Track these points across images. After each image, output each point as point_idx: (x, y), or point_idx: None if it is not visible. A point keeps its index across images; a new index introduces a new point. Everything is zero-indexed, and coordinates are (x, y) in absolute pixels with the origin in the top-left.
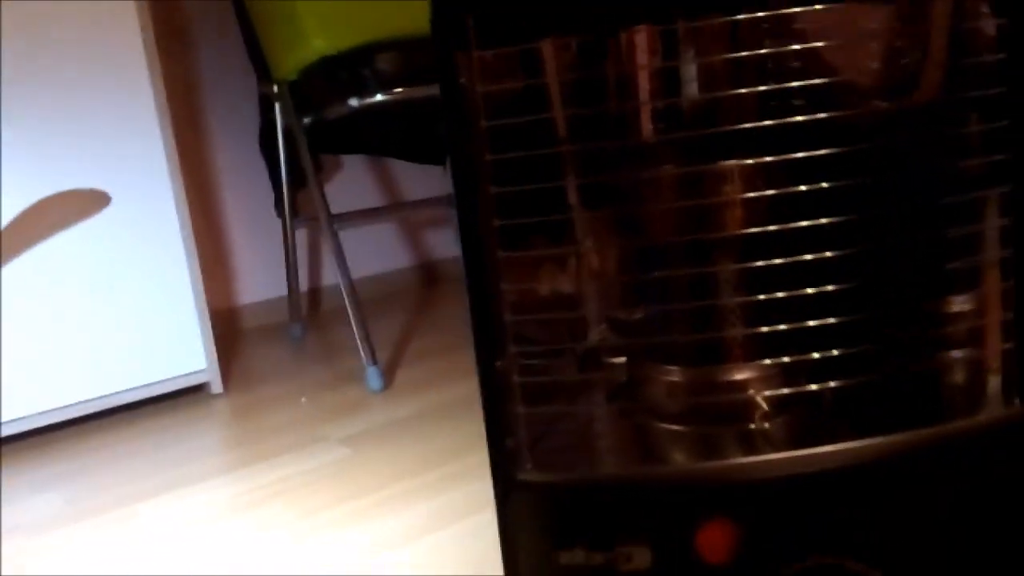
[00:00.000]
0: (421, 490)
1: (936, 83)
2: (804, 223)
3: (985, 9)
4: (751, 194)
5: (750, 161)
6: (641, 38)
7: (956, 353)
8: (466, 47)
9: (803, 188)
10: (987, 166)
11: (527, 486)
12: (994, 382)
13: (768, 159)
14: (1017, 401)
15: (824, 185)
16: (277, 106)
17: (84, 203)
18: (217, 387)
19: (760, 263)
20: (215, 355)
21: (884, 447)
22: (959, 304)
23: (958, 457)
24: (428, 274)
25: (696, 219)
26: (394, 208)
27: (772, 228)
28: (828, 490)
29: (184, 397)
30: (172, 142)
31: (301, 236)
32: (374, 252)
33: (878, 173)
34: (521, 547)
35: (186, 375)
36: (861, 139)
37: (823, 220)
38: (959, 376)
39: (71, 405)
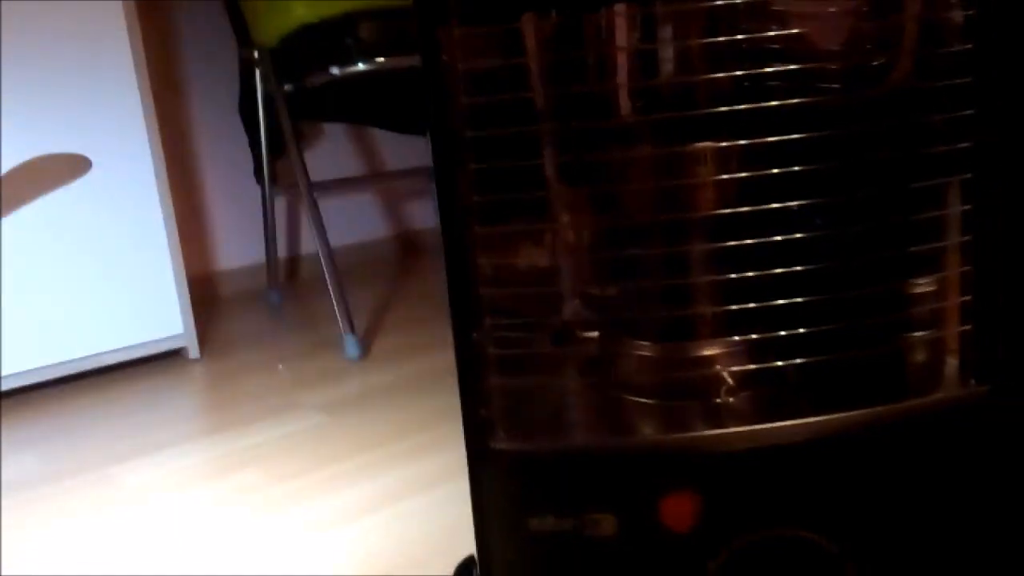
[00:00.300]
0: (396, 458)
1: (906, 71)
2: (774, 205)
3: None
4: (722, 176)
5: (723, 144)
6: (619, 17)
7: (917, 333)
8: (447, 23)
9: (775, 171)
10: (951, 153)
11: (499, 454)
12: (952, 362)
13: (740, 143)
14: (973, 381)
15: (795, 169)
16: (257, 72)
17: (65, 168)
18: (194, 352)
19: (730, 243)
20: (192, 320)
21: (844, 422)
22: (922, 286)
23: (916, 434)
24: (407, 244)
25: (669, 199)
26: (374, 178)
27: (743, 210)
28: (789, 463)
29: (161, 361)
30: (151, 106)
31: (280, 203)
32: (353, 221)
33: (847, 157)
34: (492, 514)
35: (163, 339)
36: (832, 123)
37: (793, 203)
38: (921, 355)
39: (46, 367)
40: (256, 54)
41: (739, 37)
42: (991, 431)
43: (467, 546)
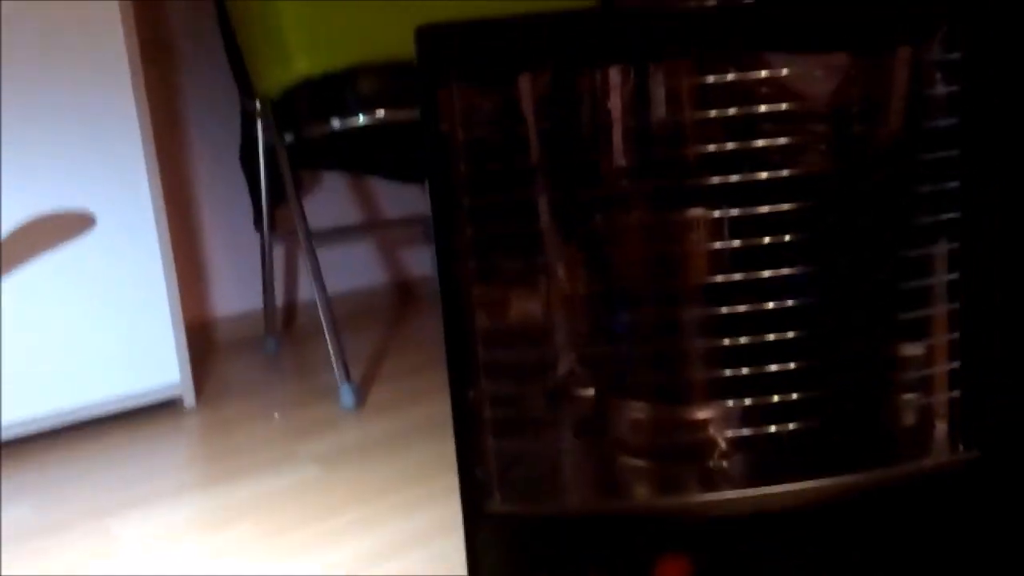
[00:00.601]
0: (392, 511)
1: (892, 136)
2: (767, 273)
3: (939, 76)
4: (716, 245)
5: (716, 214)
6: (613, 77)
7: (907, 399)
8: (448, 85)
9: (766, 240)
10: (937, 222)
11: (495, 518)
12: (942, 428)
13: (732, 212)
14: (962, 447)
15: (786, 239)
16: (259, 123)
17: (68, 226)
18: (190, 401)
19: (723, 310)
20: (189, 370)
21: (836, 488)
22: (911, 351)
23: (908, 499)
24: (404, 292)
25: (663, 263)
26: (372, 226)
27: (736, 278)
28: (780, 528)
29: (156, 411)
30: (153, 153)
31: (278, 250)
32: (351, 268)
33: (838, 226)
34: (487, 575)
35: (159, 389)
36: (823, 191)
37: (785, 271)
38: (912, 421)
39: (42, 417)
40: (258, 105)
41: (729, 112)
42: (983, 495)
43: None
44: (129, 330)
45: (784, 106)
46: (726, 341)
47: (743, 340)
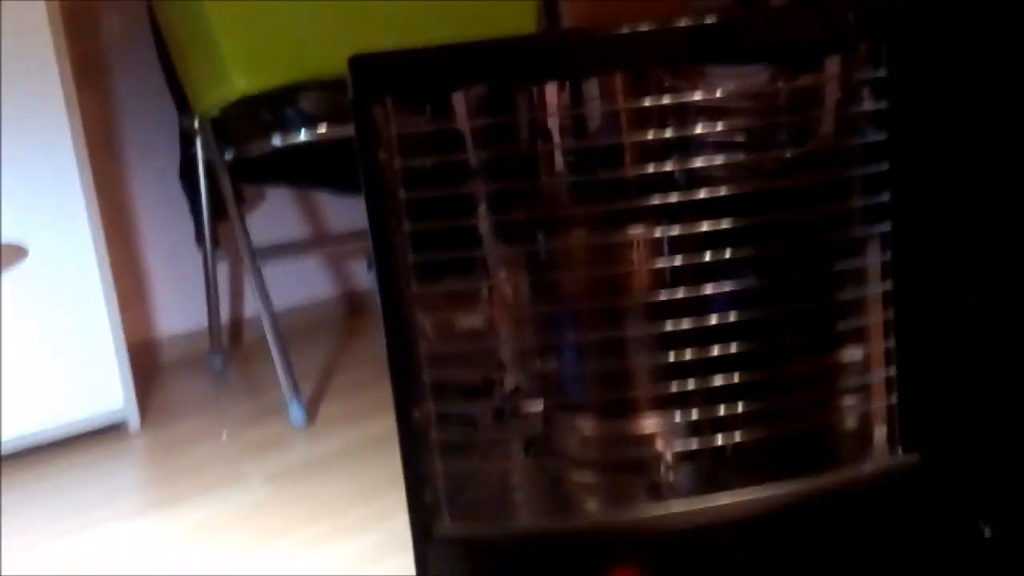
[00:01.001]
0: (345, 530)
1: (826, 139)
2: (709, 289)
3: (866, 91)
4: (659, 264)
5: (657, 234)
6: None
7: (847, 406)
8: (381, 100)
9: (707, 257)
10: (871, 233)
11: (445, 540)
12: (880, 433)
13: (673, 231)
14: (901, 450)
15: (727, 256)
16: (198, 140)
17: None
18: (135, 424)
19: (669, 327)
20: (133, 393)
21: (780, 495)
22: (851, 359)
23: (849, 503)
24: (352, 304)
25: (605, 281)
26: (317, 240)
27: (679, 296)
28: (727, 537)
29: (101, 436)
30: (89, 175)
31: (222, 267)
32: (297, 282)
33: (774, 240)
34: None
35: (103, 414)
36: (760, 207)
37: (727, 287)
38: (853, 427)
39: None
40: (196, 123)
41: (666, 131)
42: (922, 496)
43: None
44: (70, 355)
45: (719, 126)
46: (670, 357)
47: (687, 355)
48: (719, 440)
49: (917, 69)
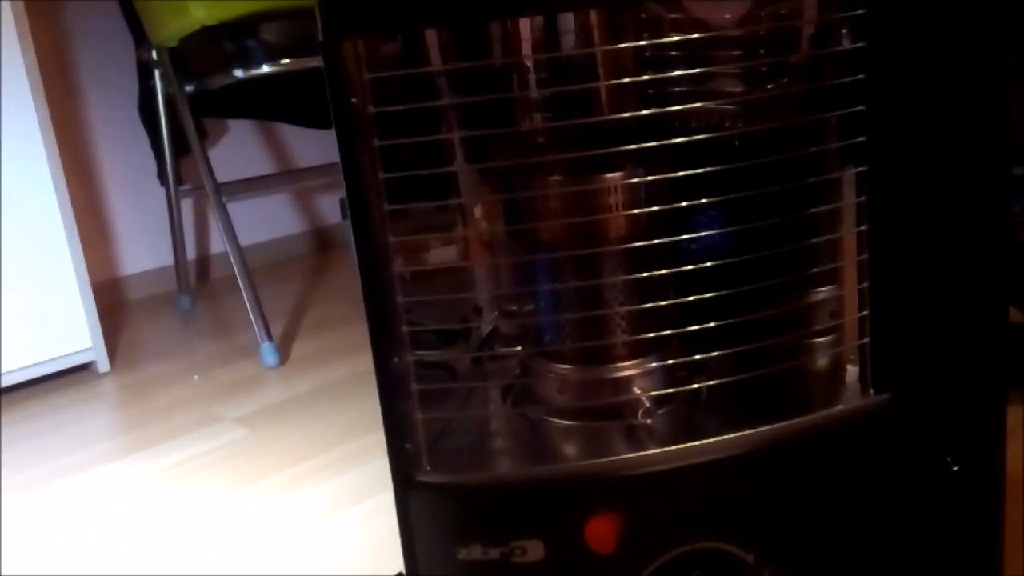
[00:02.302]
0: (322, 470)
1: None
2: (685, 236)
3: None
4: (633, 211)
5: (634, 180)
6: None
7: (819, 347)
8: (350, 36)
9: (683, 204)
10: (846, 177)
11: (425, 487)
12: (853, 373)
13: (649, 178)
14: (872, 391)
15: (703, 201)
16: (156, 73)
17: None
18: (104, 365)
19: (644, 275)
20: (100, 332)
21: (754, 438)
22: (824, 303)
23: (822, 444)
24: (321, 240)
25: (580, 226)
26: (284, 176)
27: (655, 242)
28: (704, 480)
29: (69, 376)
30: (46, 112)
31: (187, 203)
32: (264, 218)
33: (750, 184)
34: (420, 544)
35: (70, 354)
36: (737, 151)
37: (703, 232)
38: (826, 369)
39: None
40: (154, 55)
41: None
42: (893, 438)
43: (399, 560)
44: (35, 296)
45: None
46: (647, 305)
47: (664, 303)
48: (695, 384)
49: (896, 8)
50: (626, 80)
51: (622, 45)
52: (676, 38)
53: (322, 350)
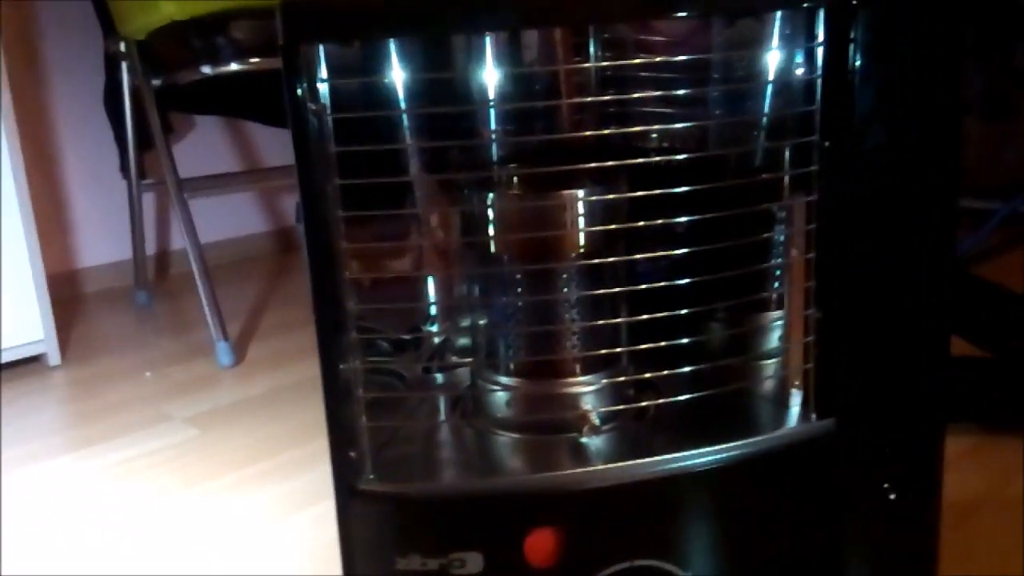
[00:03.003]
0: (268, 475)
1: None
2: (639, 256)
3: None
4: (590, 228)
5: (594, 198)
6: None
7: (768, 372)
8: (311, 40)
9: (641, 224)
10: (796, 206)
11: (367, 495)
12: (797, 398)
13: (607, 197)
14: (815, 416)
15: (659, 222)
16: (123, 65)
17: None
18: (54, 358)
19: (598, 291)
20: (52, 324)
21: (696, 459)
22: (771, 328)
23: (763, 466)
24: (284, 241)
25: (532, 240)
26: (249, 174)
27: (608, 260)
28: (645, 499)
29: (18, 368)
30: (8, 97)
31: (149, 198)
32: (227, 215)
33: (706, 207)
34: (360, 552)
35: (20, 346)
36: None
37: (658, 254)
38: (772, 391)
39: None
40: (122, 47)
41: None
42: (834, 463)
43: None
44: None
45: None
46: (599, 322)
47: (616, 320)
48: (641, 403)
49: (853, 41)
50: (582, 99)
51: (583, 65)
52: (636, 60)
53: (278, 352)
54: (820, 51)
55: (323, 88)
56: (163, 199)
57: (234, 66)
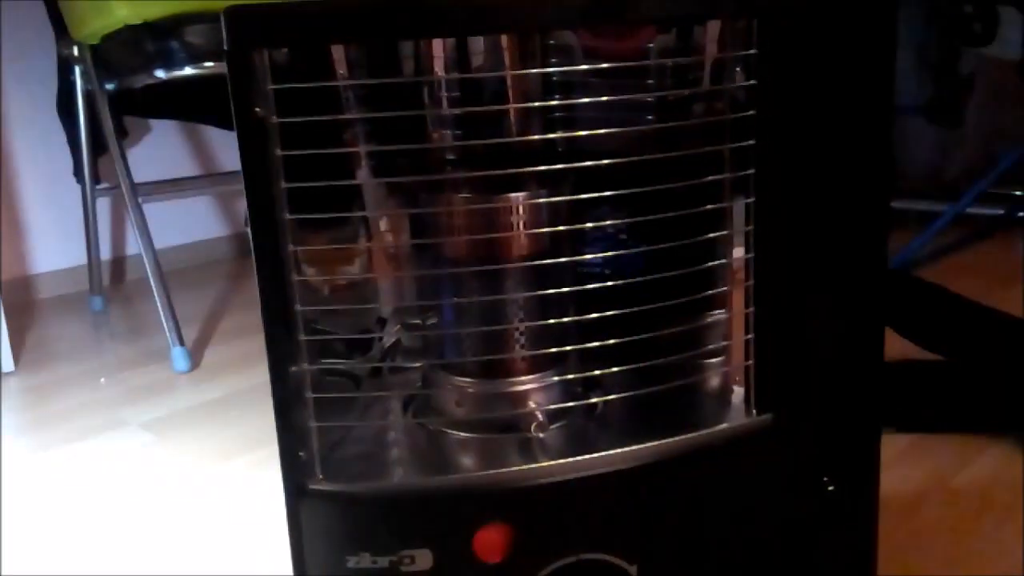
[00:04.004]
0: (224, 480)
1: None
2: (588, 256)
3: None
4: (535, 230)
5: (541, 200)
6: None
7: (708, 368)
8: (258, 46)
9: (589, 225)
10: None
11: (317, 495)
12: (739, 394)
13: (554, 199)
14: (754, 412)
15: (607, 223)
16: (77, 69)
17: None
18: (8, 365)
19: (547, 291)
20: (5, 331)
21: (641, 454)
22: (714, 326)
23: (707, 461)
24: (241, 245)
25: (479, 242)
26: (205, 179)
27: (550, 261)
28: (591, 493)
29: None
30: None
31: (104, 203)
32: (184, 220)
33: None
34: (309, 552)
35: None
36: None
37: (604, 254)
38: (715, 388)
39: None
40: (75, 51)
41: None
42: (774, 456)
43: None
44: None
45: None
46: (549, 321)
47: (566, 319)
48: (589, 400)
49: (786, 48)
50: (528, 104)
51: (528, 71)
52: (581, 67)
53: (235, 357)
54: (753, 58)
55: (269, 92)
56: (118, 204)
57: (188, 70)
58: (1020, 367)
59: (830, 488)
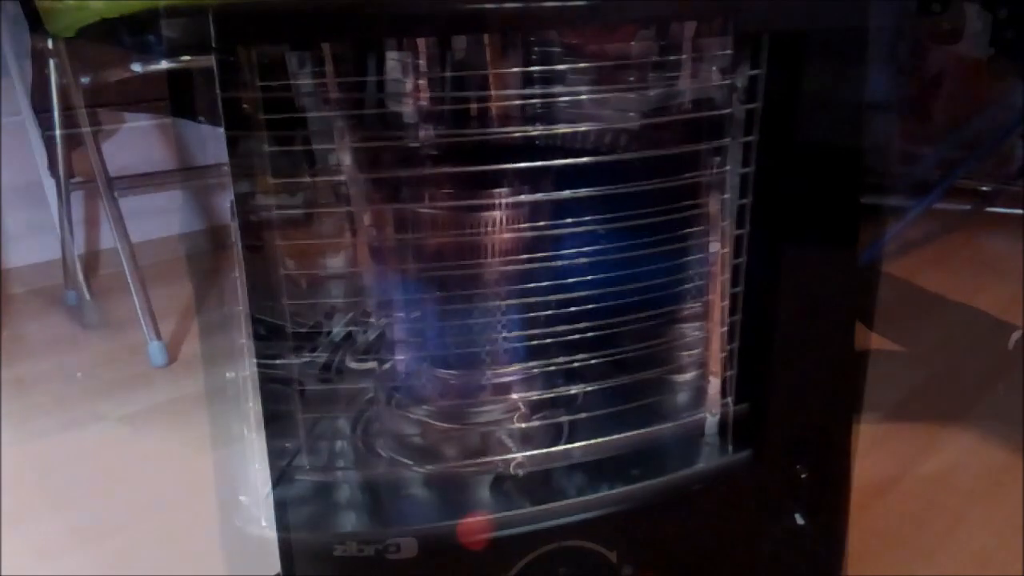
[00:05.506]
0: (204, 474)
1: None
2: (563, 262)
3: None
4: (510, 234)
5: (523, 198)
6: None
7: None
8: (246, 43)
9: (570, 222)
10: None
11: (302, 485)
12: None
13: (536, 196)
14: (730, 401)
15: (591, 221)
16: (51, 62)
17: None
18: None
19: (528, 299)
20: None
21: (619, 443)
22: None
23: (681, 448)
24: (217, 239)
25: (463, 245)
26: (181, 172)
27: (527, 267)
28: (572, 482)
29: None
30: None
31: (78, 196)
32: (161, 213)
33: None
34: (296, 542)
35: None
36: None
37: (582, 260)
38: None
39: None
40: (50, 44)
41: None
42: (748, 444)
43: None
44: None
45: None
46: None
47: (538, 332)
48: (570, 390)
49: (785, 64)
50: (506, 101)
51: (510, 70)
52: (561, 67)
53: (214, 350)
54: (732, 60)
55: (256, 89)
56: (93, 198)
57: (165, 64)
58: None
59: (803, 476)
